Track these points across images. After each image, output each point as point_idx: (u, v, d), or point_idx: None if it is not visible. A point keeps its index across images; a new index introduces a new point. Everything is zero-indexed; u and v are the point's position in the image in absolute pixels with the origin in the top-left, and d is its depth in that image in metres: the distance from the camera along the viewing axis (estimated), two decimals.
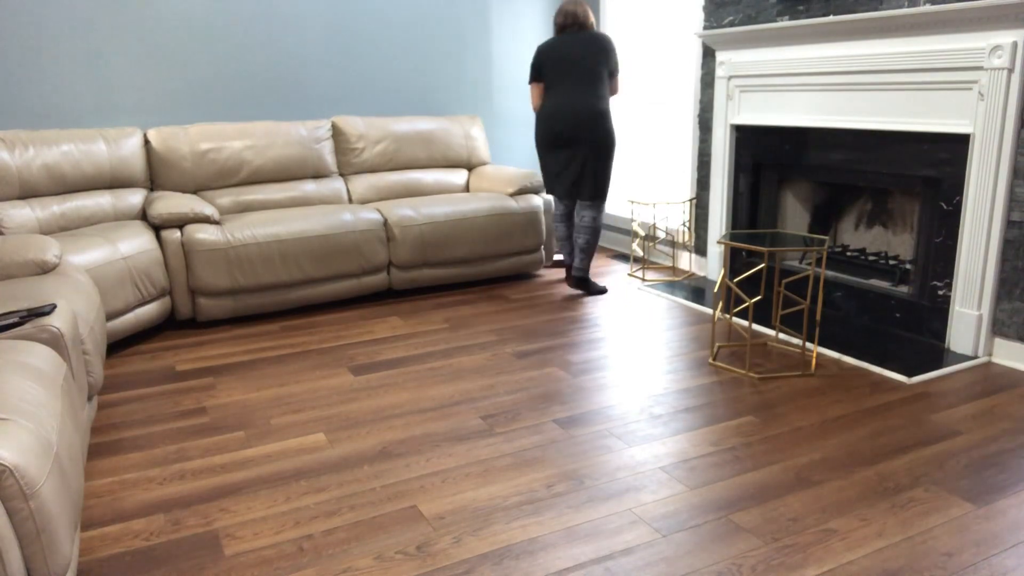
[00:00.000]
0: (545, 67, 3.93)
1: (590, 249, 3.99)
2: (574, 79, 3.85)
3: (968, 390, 2.70)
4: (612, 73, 3.92)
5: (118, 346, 3.36)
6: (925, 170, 3.07)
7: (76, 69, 3.95)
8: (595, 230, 3.97)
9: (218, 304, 3.57)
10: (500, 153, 5.32)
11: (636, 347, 3.21)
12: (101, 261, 3.12)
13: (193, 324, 3.66)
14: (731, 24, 3.90)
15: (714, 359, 3.03)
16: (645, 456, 2.26)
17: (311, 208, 3.91)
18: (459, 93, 5.05)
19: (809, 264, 3.88)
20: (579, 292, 4.13)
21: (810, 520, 1.91)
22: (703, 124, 4.27)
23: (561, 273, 4.55)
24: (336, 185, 4.34)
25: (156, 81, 4.15)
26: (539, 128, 3.97)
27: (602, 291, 4.09)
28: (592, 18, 3.98)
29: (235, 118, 4.39)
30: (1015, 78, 2.71)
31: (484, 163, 4.81)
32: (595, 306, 3.82)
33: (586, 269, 4.03)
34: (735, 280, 3.19)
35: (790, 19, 3.56)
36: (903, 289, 3.34)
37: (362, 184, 4.42)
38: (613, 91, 3.99)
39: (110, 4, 3.97)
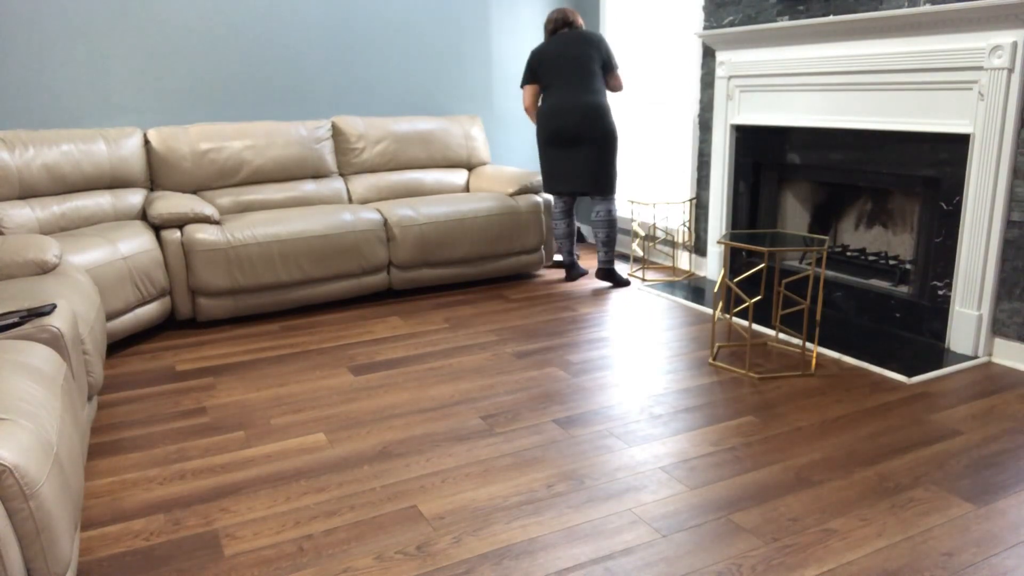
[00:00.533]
0: (541, 68, 4.04)
1: (611, 242, 4.12)
2: (570, 77, 3.95)
3: (968, 390, 2.70)
4: (609, 68, 4.00)
5: (118, 346, 3.36)
6: (925, 170, 3.07)
7: (76, 69, 3.95)
8: (611, 222, 4.09)
9: (218, 304, 3.56)
10: (500, 153, 5.31)
11: (636, 347, 3.21)
12: (101, 261, 3.12)
13: (193, 324, 3.66)
14: (731, 24, 3.90)
15: (714, 359, 3.03)
16: (645, 456, 2.26)
17: (311, 208, 3.91)
18: (459, 93, 5.05)
19: (809, 264, 3.87)
20: (607, 284, 4.23)
21: (810, 520, 1.91)
22: (703, 124, 4.27)
23: (561, 273, 4.55)
24: (336, 185, 4.34)
25: (156, 81, 4.15)
26: (540, 126, 4.07)
27: (626, 283, 4.20)
28: (581, 20, 4.10)
29: (235, 118, 4.39)
30: (1015, 78, 2.71)
31: (484, 163, 4.81)
32: (595, 306, 3.82)
33: (611, 261, 4.15)
34: (735, 280, 3.19)
35: (790, 19, 3.56)
36: (903, 289, 3.34)
37: (362, 184, 4.42)
38: (615, 87, 4.05)
39: (110, 4, 3.96)
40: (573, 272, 4.35)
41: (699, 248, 4.46)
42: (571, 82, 3.94)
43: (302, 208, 3.92)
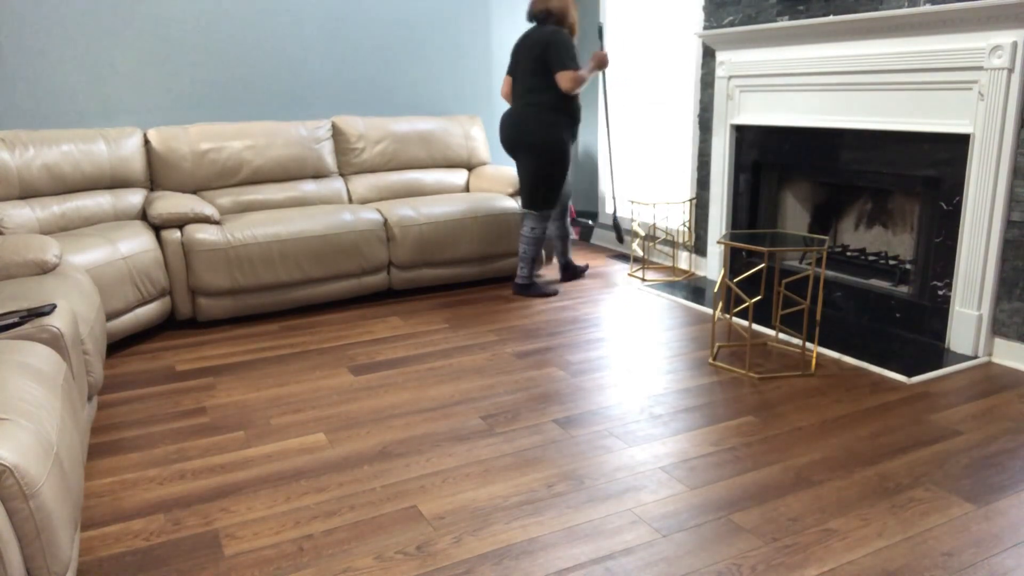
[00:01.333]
0: (510, 66, 3.93)
1: (526, 257, 3.94)
2: (517, 82, 3.83)
3: (968, 390, 2.70)
4: (553, 69, 3.61)
5: (118, 346, 3.36)
6: (925, 170, 3.07)
7: (76, 69, 3.95)
8: (532, 240, 3.89)
9: (218, 304, 3.56)
10: (500, 153, 5.32)
11: (636, 347, 3.21)
12: (101, 261, 3.12)
13: (193, 324, 3.66)
14: (731, 24, 3.90)
15: (714, 359, 3.03)
16: (645, 456, 2.26)
17: (311, 208, 3.91)
18: (459, 93, 5.05)
19: (809, 264, 3.88)
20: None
21: (810, 520, 1.91)
22: (703, 124, 4.27)
23: (560, 274, 4.55)
24: (336, 185, 4.34)
25: (156, 81, 4.15)
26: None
27: (551, 293, 4.01)
28: (554, 8, 3.68)
29: (235, 118, 4.39)
30: (1015, 78, 2.71)
31: (484, 163, 4.81)
32: (595, 306, 3.82)
33: (527, 276, 3.99)
34: (735, 280, 3.19)
35: (790, 19, 3.56)
36: (903, 289, 3.34)
37: (362, 184, 4.42)
38: (565, 87, 3.60)
39: (111, 4, 3.97)
40: (570, 272, 4.35)
41: (699, 248, 4.46)
42: (515, 87, 3.82)
43: (302, 208, 3.92)
